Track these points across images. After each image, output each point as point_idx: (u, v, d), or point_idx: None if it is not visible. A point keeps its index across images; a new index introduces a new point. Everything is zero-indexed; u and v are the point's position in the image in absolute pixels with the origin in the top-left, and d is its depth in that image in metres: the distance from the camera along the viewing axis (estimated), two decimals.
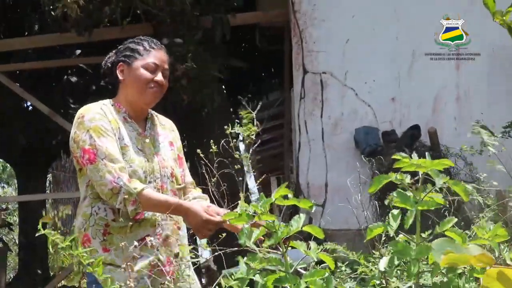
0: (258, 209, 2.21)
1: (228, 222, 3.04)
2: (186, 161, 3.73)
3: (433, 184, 2.24)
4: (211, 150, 3.79)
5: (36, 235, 2.56)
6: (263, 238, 2.30)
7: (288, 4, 7.72)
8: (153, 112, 3.57)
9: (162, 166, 3.37)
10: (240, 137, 4.38)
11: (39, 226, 2.50)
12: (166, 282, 2.64)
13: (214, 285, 2.47)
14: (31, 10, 10.21)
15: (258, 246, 2.30)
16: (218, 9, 8.11)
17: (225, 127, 3.69)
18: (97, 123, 3.23)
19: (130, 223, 3.18)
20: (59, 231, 9.69)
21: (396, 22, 7.41)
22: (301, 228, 2.24)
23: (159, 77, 3.36)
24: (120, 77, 3.40)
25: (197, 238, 3.41)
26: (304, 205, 2.28)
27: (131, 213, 3.13)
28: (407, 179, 2.24)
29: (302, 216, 2.27)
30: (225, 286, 2.27)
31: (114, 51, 3.51)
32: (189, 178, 3.62)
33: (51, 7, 7.75)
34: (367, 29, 7.42)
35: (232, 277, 2.24)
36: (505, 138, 6.03)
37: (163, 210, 3.22)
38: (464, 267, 2.42)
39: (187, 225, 3.39)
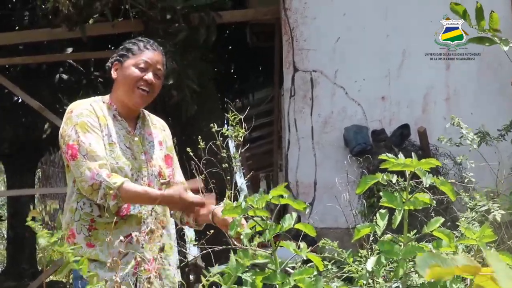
0: (254, 203, 2.21)
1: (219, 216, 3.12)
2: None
3: (420, 184, 2.25)
4: (199, 146, 3.79)
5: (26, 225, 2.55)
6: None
7: (279, 2, 7.70)
8: (145, 111, 3.56)
9: (150, 165, 3.37)
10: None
11: (28, 219, 2.50)
12: (151, 279, 2.64)
13: (202, 283, 2.47)
14: (22, 4, 10.17)
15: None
16: (203, 8, 7.92)
17: (211, 125, 3.69)
18: (84, 119, 3.23)
19: (116, 219, 3.18)
20: (47, 225, 9.70)
21: (387, 20, 7.42)
22: (293, 225, 2.25)
23: (148, 76, 3.34)
24: (113, 75, 3.40)
25: (186, 237, 3.42)
26: (298, 206, 2.29)
27: (112, 208, 3.13)
28: (394, 179, 2.24)
29: (294, 214, 2.28)
30: (207, 282, 2.27)
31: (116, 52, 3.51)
32: (179, 177, 3.61)
33: (42, 1, 7.72)
34: (357, 28, 7.43)
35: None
36: (499, 141, 6.04)
37: (145, 201, 3.23)
38: None
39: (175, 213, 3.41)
